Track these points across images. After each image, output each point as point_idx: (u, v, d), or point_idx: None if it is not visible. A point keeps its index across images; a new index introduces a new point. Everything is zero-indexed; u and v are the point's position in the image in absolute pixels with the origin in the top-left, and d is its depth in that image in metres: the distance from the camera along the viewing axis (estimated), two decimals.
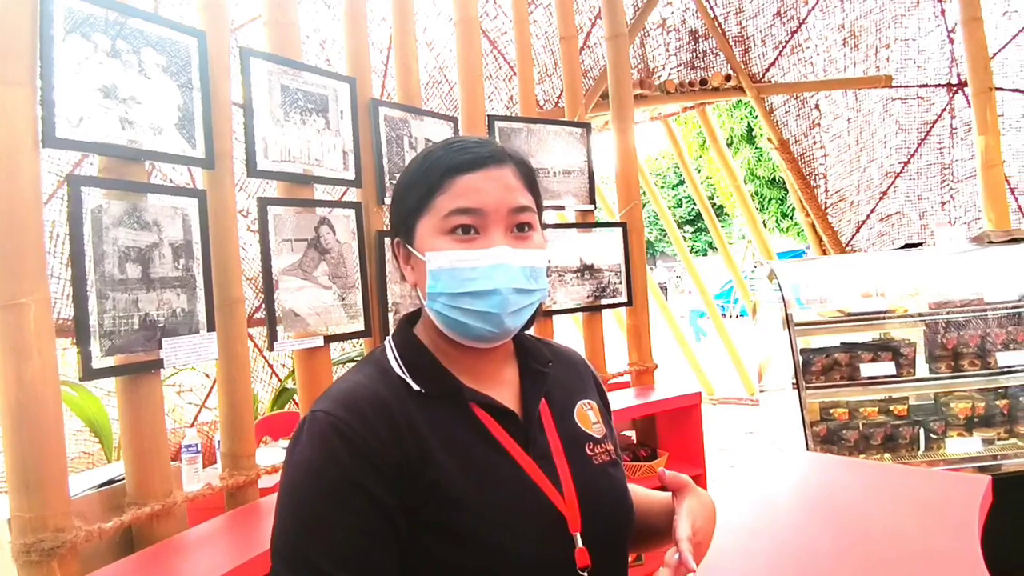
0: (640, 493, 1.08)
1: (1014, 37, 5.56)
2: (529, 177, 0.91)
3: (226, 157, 2.15)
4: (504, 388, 0.93)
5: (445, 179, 0.86)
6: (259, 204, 2.24)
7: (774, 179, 14.49)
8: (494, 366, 0.94)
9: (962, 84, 5.84)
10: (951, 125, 6.10)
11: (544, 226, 0.95)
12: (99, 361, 1.77)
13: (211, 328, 2.05)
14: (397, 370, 0.88)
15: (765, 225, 13.63)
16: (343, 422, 0.79)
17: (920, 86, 6.07)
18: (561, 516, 0.85)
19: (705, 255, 23.67)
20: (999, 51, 5.48)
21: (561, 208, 3.52)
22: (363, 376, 0.88)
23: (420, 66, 3.08)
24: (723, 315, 11.11)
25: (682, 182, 22.17)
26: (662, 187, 22.98)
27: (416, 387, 0.86)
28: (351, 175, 2.55)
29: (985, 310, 3.39)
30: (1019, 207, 5.89)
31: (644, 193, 5.80)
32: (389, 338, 0.95)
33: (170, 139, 1.98)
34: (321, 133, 2.44)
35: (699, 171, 16.02)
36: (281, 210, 2.30)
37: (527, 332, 0.99)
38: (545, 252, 0.91)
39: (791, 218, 14.63)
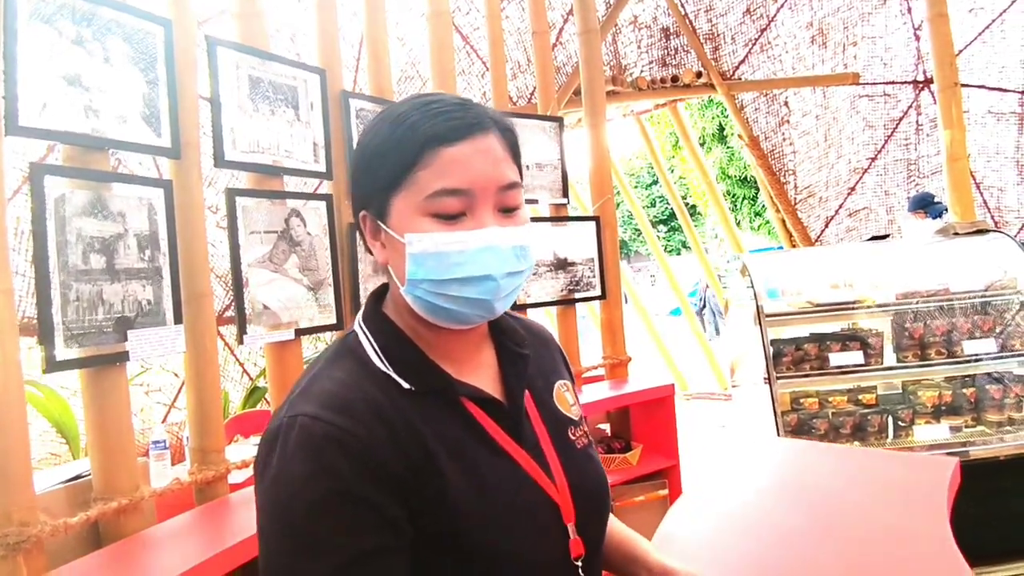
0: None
1: (980, 34, 5.70)
2: (513, 144, 0.83)
3: (193, 147, 2.12)
4: (484, 372, 0.88)
5: (427, 151, 0.76)
6: (227, 195, 2.21)
7: (746, 178, 14.65)
8: (471, 348, 0.88)
9: (928, 81, 5.96)
10: (917, 122, 6.23)
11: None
12: (63, 353, 1.73)
13: (178, 321, 2.02)
14: (379, 364, 0.80)
15: (738, 224, 13.78)
16: (338, 428, 0.71)
17: (887, 83, 6.19)
18: (556, 507, 0.83)
19: (679, 254, 23.84)
20: (965, 48, 5.60)
21: (534, 202, 3.53)
22: (343, 372, 0.79)
23: (392, 61, 3.07)
24: (696, 312, 11.21)
25: (656, 182, 22.32)
26: (636, 187, 23.10)
27: (405, 385, 0.79)
28: (322, 167, 2.53)
29: (951, 300, 3.46)
30: (984, 201, 6.02)
31: (618, 192, 5.84)
32: (360, 323, 0.86)
33: (135, 128, 1.95)
34: (291, 125, 2.42)
35: (672, 171, 16.15)
36: (250, 201, 2.27)
37: None
38: (531, 227, 0.83)
39: (763, 216, 14.80)
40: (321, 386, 0.76)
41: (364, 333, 0.84)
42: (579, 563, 0.83)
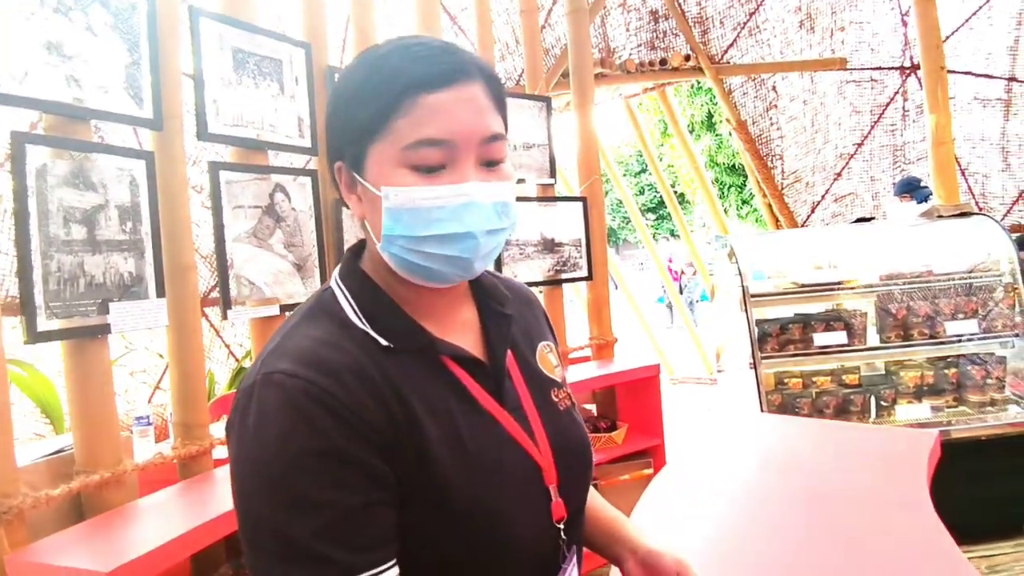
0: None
1: (967, 20, 5.71)
2: (498, 93, 0.78)
3: (175, 119, 2.09)
4: (466, 331, 0.85)
5: (406, 97, 0.71)
6: (211, 169, 2.20)
7: (734, 166, 14.67)
8: (453, 307, 0.85)
9: (915, 67, 5.98)
10: (903, 107, 6.25)
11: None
12: (44, 324, 1.72)
13: (161, 294, 2.00)
14: (356, 321, 0.77)
15: (726, 212, 13.80)
16: (315, 384, 0.68)
17: (874, 69, 6.20)
18: (538, 468, 0.81)
19: (667, 242, 23.91)
20: (952, 34, 5.61)
21: (522, 182, 3.52)
22: (319, 330, 0.75)
23: (379, 39, 3.04)
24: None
25: (644, 170, 22.34)
26: (625, 175, 23.11)
27: (384, 342, 0.75)
28: (307, 142, 2.51)
29: (934, 282, 3.48)
30: (969, 188, 6.06)
31: (608, 180, 5.83)
32: (337, 278, 0.82)
33: (118, 99, 1.92)
34: (275, 98, 2.39)
35: (661, 159, 16.16)
36: (234, 176, 2.25)
37: None
38: (513, 183, 0.79)
39: (750, 204, 14.84)
40: (297, 343, 0.73)
41: (341, 289, 0.80)
42: (561, 525, 0.82)
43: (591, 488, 1.04)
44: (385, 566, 0.69)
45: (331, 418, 0.67)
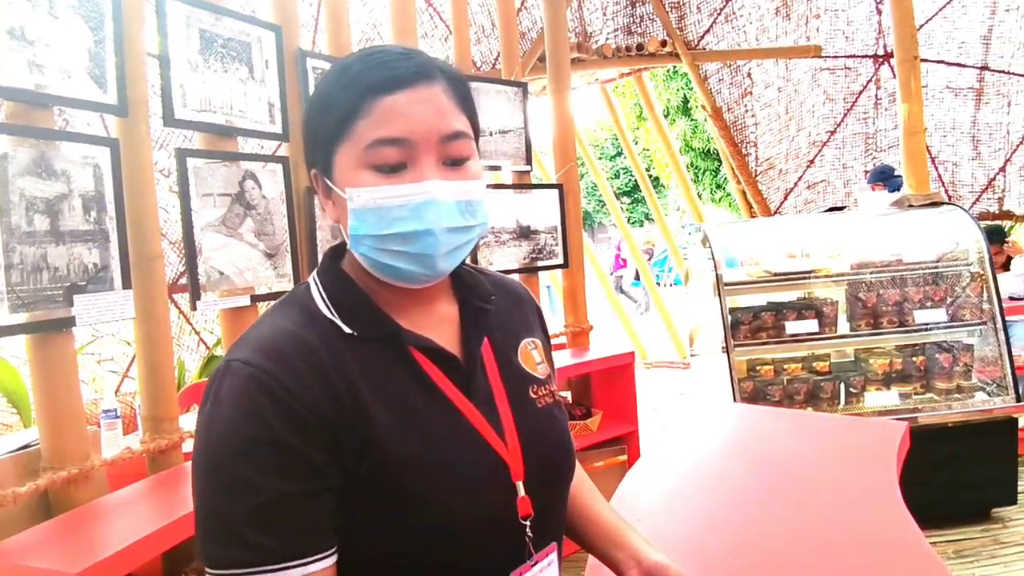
0: (587, 498, 1.03)
1: (941, 9, 5.76)
2: (462, 94, 0.81)
3: (141, 105, 2.04)
4: (443, 327, 0.85)
5: (365, 100, 0.75)
6: (178, 155, 2.14)
7: (708, 151, 14.73)
8: (431, 304, 0.86)
9: (888, 55, 6.03)
10: (876, 96, 6.31)
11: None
12: (7, 318, 1.67)
13: (127, 285, 1.96)
14: (325, 311, 0.79)
15: (700, 196, 13.87)
16: (265, 373, 0.70)
17: (848, 56, 6.24)
18: (503, 464, 0.80)
19: (641, 226, 23.99)
20: (926, 22, 5.66)
21: (497, 168, 3.49)
22: (285, 319, 0.77)
23: (352, 22, 2.98)
24: (657, 283, 11.33)
25: (619, 153, 22.33)
26: (600, 158, 23.10)
27: (348, 330, 0.78)
28: (278, 128, 2.46)
29: (904, 270, 3.53)
30: (939, 176, 6.15)
31: (583, 164, 5.81)
32: (314, 275, 0.84)
33: (81, 84, 1.87)
34: (244, 83, 2.34)
35: (636, 142, 16.16)
36: (202, 163, 2.20)
37: (465, 263, 0.91)
38: (482, 182, 0.81)
39: (724, 189, 14.93)
40: (259, 332, 0.76)
41: (316, 284, 0.83)
42: (527, 522, 0.81)
43: (595, 491, 1.04)
44: (320, 555, 0.70)
45: (276, 407, 0.69)
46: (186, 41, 2.15)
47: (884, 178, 4.60)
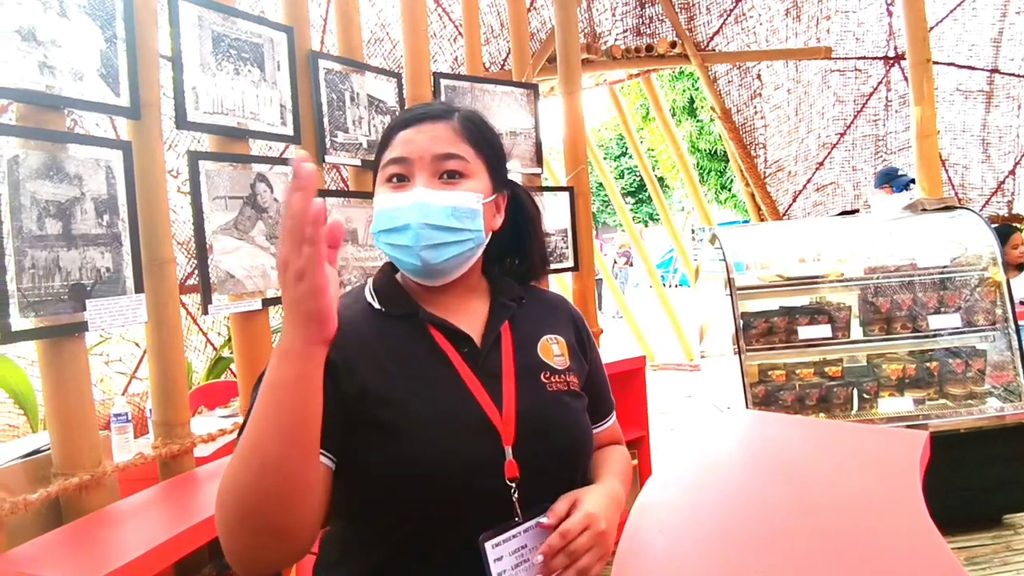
0: (600, 455, 1.16)
1: (951, 11, 5.72)
2: (472, 131, 1.00)
3: (153, 107, 2.02)
4: (472, 317, 1.02)
5: (391, 136, 0.99)
6: (189, 158, 2.12)
7: (714, 152, 14.70)
8: (462, 301, 1.03)
9: (899, 57, 5.99)
10: (886, 98, 6.27)
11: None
12: (18, 323, 1.65)
13: (139, 290, 1.94)
14: (367, 296, 1.02)
15: (705, 197, 13.82)
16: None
17: (858, 58, 6.21)
18: (493, 428, 0.92)
19: (646, 226, 23.94)
20: (936, 24, 5.62)
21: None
22: (344, 300, 1.00)
23: (361, 21, 2.96)
24: (664, 284, 11.29)
25: (624, 153, 22.29)
26: (605, 158, 23.05)
27: (378, 306, 1.00)
28: (289, 131, 2.44)
29: (917, 275, 3.50)
30: (948, 178, 6.11)
31: (590, 163, 5.77)
32: (371, 276, 1.07)
33: (93, 86, 1.84)
34: (256, 85, 2.32)
35: (642, 142, 16.13)
36: (213, 165, 2.18)
37: (530, 283, 1.13)
38: (474, 195, 0.97)
39: (729, 190, 14.90)
40: None
41: (370, 280, 1.05)
42: (512, 484, 0.91)
43: (612, 455, 1.16)
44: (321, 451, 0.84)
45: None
46: (198, 43, 2.13)
47: (889, 179, 4.55)
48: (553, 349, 1.05)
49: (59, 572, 1.44)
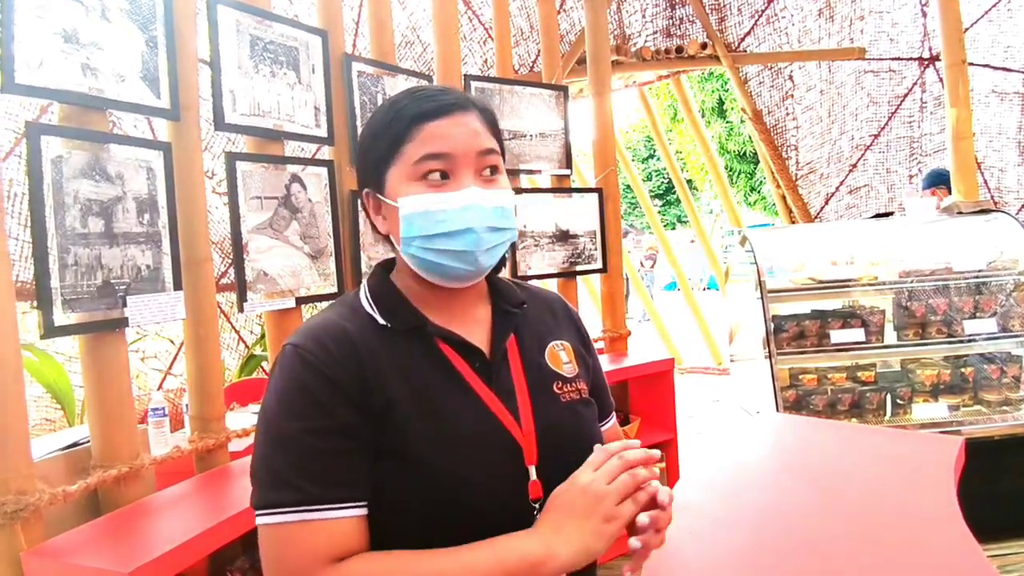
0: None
1: (986, 12, 5.60)
2: (492, 122, 0.95)
3: (192, 109, 2.06)
4: (475, 327, 0.96)
5: (413, 127, 0.88)
6: (227, 159, 2.17)
7: (743, 153, 14.54)
8: (467, 306, 0.97)
9: (934, 58, 5.88)
10: (921, 99, 6.16)
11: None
12: (61, 318, 1.70)
13: (178, 287, 1.98)
14: (367, 307, 0.93)
15: (735, 199, 13.70)
16: (307, 351, 0.84)
17: (892, 59, 6.10)
18: (516, 446, 0.88)
19: (673, 228, 23.78)
20: (971, 26, 5.51)
21: (537, 172, 3.48)
22: (334, 313, 0.92)
23: (394, 26, 2.99)
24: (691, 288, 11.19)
25: (652, 155, 22.17)
26: (632, 160, 22.94)
27: (382, 321, 0.91)
28: (323, 132, 2.48)
29: (953, 279, 3.44)
30: (984, 181, 5.98)
31: (618, 165, 5.74)
32: (365, 282, 0.98)
33: (134, 88, 1.89)
34: (292, 88, 2.36)
35: (670, 143, 16.02)
36: (250, 166, 2.22)
37: (500, 275, 1.04)
38: (511, 192, 0.94)
39: (759, 192, 14.73)
40: (311, 323, 0.91)
41: (364, 287, 0.97)
42: (536, 505, 0.87)
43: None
44: (350, 504, 0.82)
45: (313, 375, 0.83)
46: (236, 46, 2.17)
47: (942, 181, 4.35)
48: (561, 356, 1.02)
49: (97, 561, 1.48)
